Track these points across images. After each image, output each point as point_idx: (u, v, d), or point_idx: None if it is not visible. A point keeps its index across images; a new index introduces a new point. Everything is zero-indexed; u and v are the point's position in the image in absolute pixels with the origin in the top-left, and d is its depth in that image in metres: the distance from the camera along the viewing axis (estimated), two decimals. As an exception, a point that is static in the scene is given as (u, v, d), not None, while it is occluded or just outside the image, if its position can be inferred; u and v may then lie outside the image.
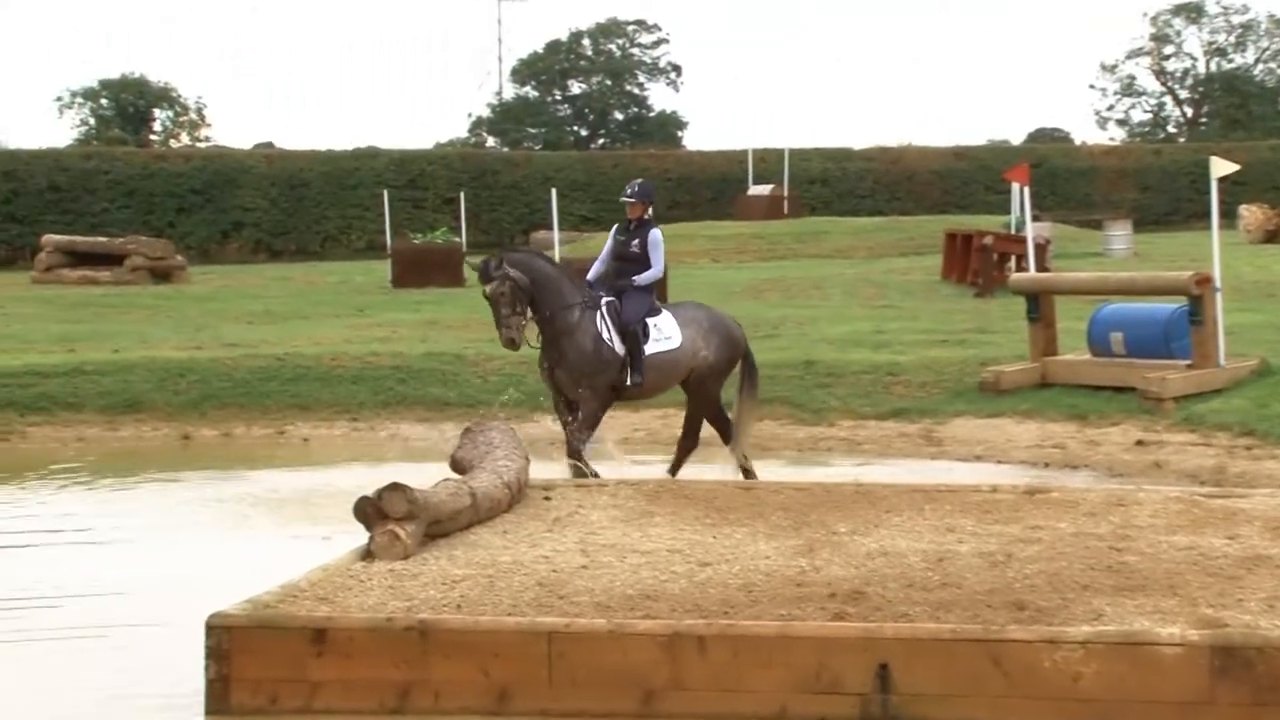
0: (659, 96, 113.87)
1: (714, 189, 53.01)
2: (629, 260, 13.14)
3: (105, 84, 69.29)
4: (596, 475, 12.07)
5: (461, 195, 41.90)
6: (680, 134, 77.25)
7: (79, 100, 69.65)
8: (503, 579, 8.19)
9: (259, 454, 16.30)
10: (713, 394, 13.35)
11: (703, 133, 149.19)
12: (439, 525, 9.03)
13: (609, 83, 78.15)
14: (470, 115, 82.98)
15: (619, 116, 78.74)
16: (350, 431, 17.22)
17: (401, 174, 50.44)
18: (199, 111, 71.11)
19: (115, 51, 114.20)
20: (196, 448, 16.77)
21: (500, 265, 12.39)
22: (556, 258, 25.04)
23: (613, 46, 79.07)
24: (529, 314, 12.42)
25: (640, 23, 79.79)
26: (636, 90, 79.21)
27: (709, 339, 13.18)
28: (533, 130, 75.86)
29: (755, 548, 8.95)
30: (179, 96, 70.51)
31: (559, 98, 78.67)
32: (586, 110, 78.25)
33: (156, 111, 70.19)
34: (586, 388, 12.65)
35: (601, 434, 13.27)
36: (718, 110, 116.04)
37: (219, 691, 7.39)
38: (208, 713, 7.37)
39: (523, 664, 7.29)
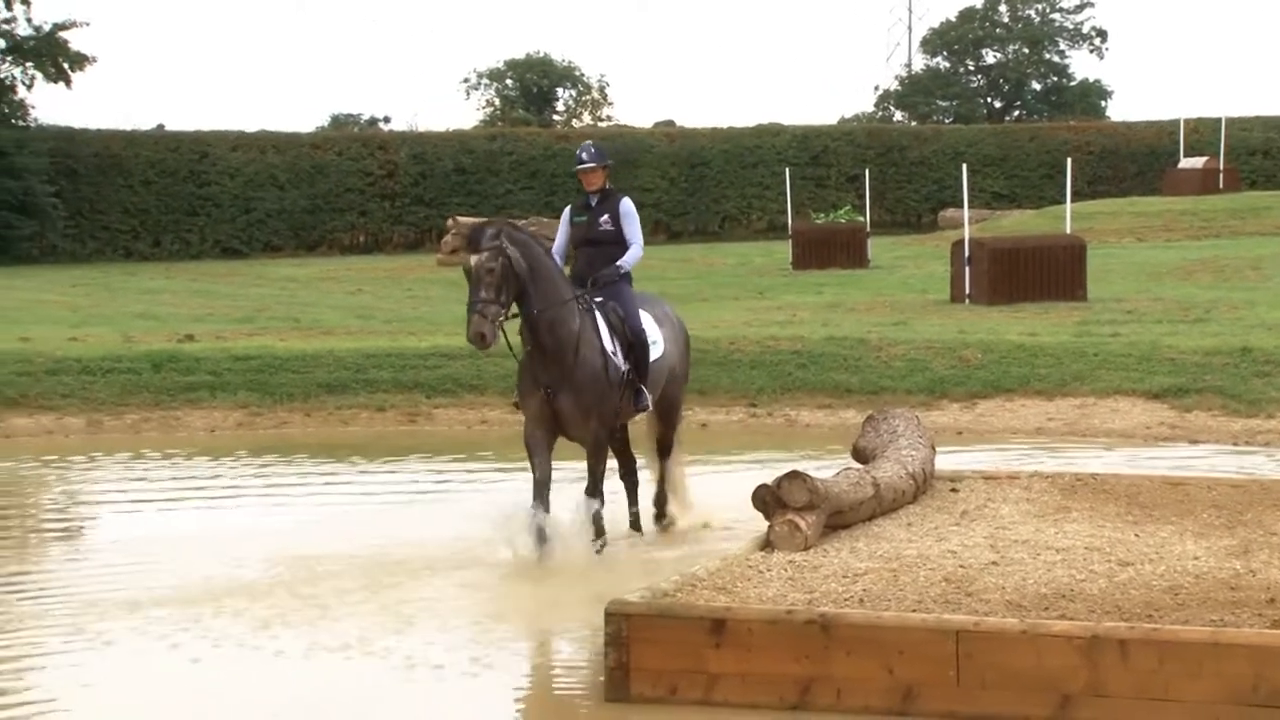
0: (1081, 64, 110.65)
1: (1140, 162, 51.00)
2: (601, 243, 10.69)
3: (510, 64, 71.07)
4: (603, 537, 10.33)
5: (866, 172, 41.44)
6: (1104, 104, 74.49)
7: (485, 81, 71.78)
8: (907, 573, 7.93)
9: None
10: (677, 408, 11.36)
11: (1129, 102, 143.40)
12: (840, 516, 8.82)
13: (1026, 51, 75.86)
14: (877, 88, 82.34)
15: (1036, 86, 76.37)
16: (748, 418, 17.12)
17: (804, 151, 50.23)
18: (601, 90, 72.25)
19: (521, 32, 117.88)
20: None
21: (498, 236, 9.92)
22: (966, 238, 24.48)
23: (1031, 12, 76.65)
24: (511, 308, 9.94)
25: (1062, -14, 77.29)
26: (1056, 58, 76.59)
27: (676, 342, 11.09)
28: (942, 103, 74.31)
29: (1182, 547, 8.44)
30: (582, 75, 71.81)
31: (971, 68, 76.83)
32: (1001, 80, 76.24)
33: (560, 91, 71.72)
34: (597, 420, 10.21)
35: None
36: (1146, 78, 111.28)
37: (618, 680, 7.34)
38: (607, 700, 7.34)
39: (929, 663, 7.01)
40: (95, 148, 45.27)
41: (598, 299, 10.42)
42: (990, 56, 76.37)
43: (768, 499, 8.55)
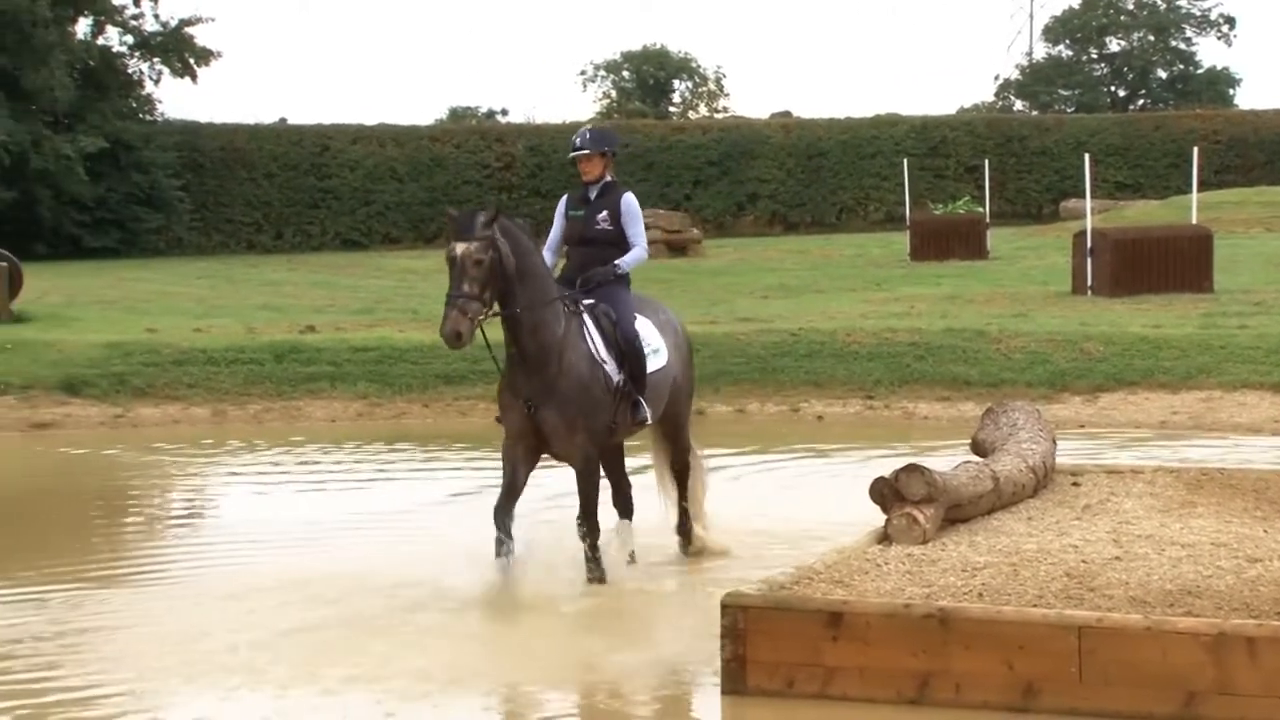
0: (1208, 51, 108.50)
1: (1268, 151, 50.05)
2: (597, 243, 9.56)
3: (627, 56, 71.20)
4: (601, 572, 9.29)
5: (986, 163, 40.95)
6: (1231, 92, 73.12)
7: (602, 73, 71.96)
8: (1027, 568, 7.83)
9: (776, 431, 16.28)
10: (685, 425, 10.25)
11: (1257, 90, 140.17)
12: (959, 509, 8.73)
13: (1151, 38, 74.65)
14: (997, 78, 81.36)
15: (1161, 74, 75.13)
16: (865, 410, 17.00)
17: (922, 141, 49.83)
18: (717, 81, 72.18)
19: (638, 23, 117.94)
20: (709, 424, 16.88)
21: (490, 224, 8.88)
22: (1089, 229, 24.11)
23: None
24: (493, 306, 8.92)
25: (1189, -28, 75.86)
26: (1183, 45, 75.29)
27: (679, 351, 10.00)
28: (1064, 92, 73.35)
29: (1312, 544, 8.20)
30: (698, 67, 71.79)
31: (1094, 56, 75.71)
32: (1125, 69, 75.05)
33: (676, 82, 71.65)
34: (585, 433, 9.12)
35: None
36: (1274, 65, 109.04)
37: (734, 671, 7.32)
38: (724, 692, 7.32)
39: (1050, 659, 6.92)
40: (220, 142, 46.05)
41: (587, 301, 9.33)
42: (1114, 44, 75.17)
43: (885, 492, 8.48)
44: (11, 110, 39.23)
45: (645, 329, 9.55)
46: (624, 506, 10.07)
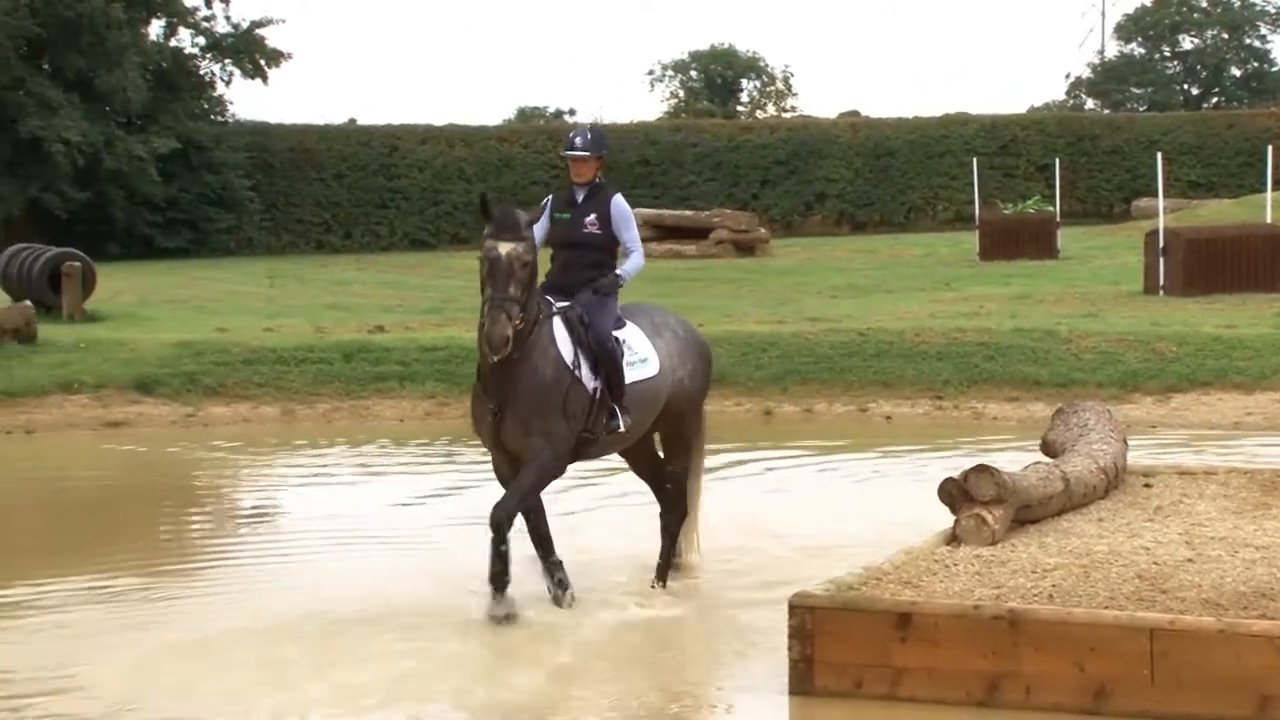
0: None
1: (1345, 150, 49.25)
2: (583, 246, 9.11)
3: (695, 55, 71.09)
4: (504, 570, 8.59)
5: (1057, 162, 40.61)
6: (1306, 90, 72.14)
7: (669, 73, 71.90)
8: (1098, 569, 7.77)
9: (843, 431, 16.22)
10: (691, 435, 9.63)
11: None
12: (1029, 510, 8.67)
13: (1225, 36, 73.78)
14: (1068, 76, 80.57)
15: (1235, 72, 74.21)
16: (933, 410, 16.90)
17: (992, 140, 49.47)
18: (785, 81, 71.94)
19: (705, 23, 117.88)
20: (778, 423, 16.88)
21: (531, 225, 8.61)
22: (1161, 228, 23.85)
23: (1231, -4, 74.57)
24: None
25: (1266, -30, 74.90)
26: (1257, 43, 74.31)
27: (685, 356, 9.43)
28: (1136, 90, 72.58)
29: (1389, 546, 8.08)
30: (766, 66, 71.58)
31: (1167, 54, 74.93)
32: (1199, 67, 74.18)
33: (744, 82, 71.53)
34: (540, 435, 8.64)
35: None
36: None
37: (802, 672, 7.31)
38: (791, 693, 7.31)
39: (1122, 661, 6.88)
40: (289, 142, 46.37)
41: (561, 304, 8.87)
42: (1187, 42, 74.32)
43: (954, 492, 8.43)
44: (86, 112, 39.71)
45: (634, 337, 9.08)
46: (671, 509, 9.56)
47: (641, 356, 9.05)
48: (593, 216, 9.09)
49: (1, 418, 16.80)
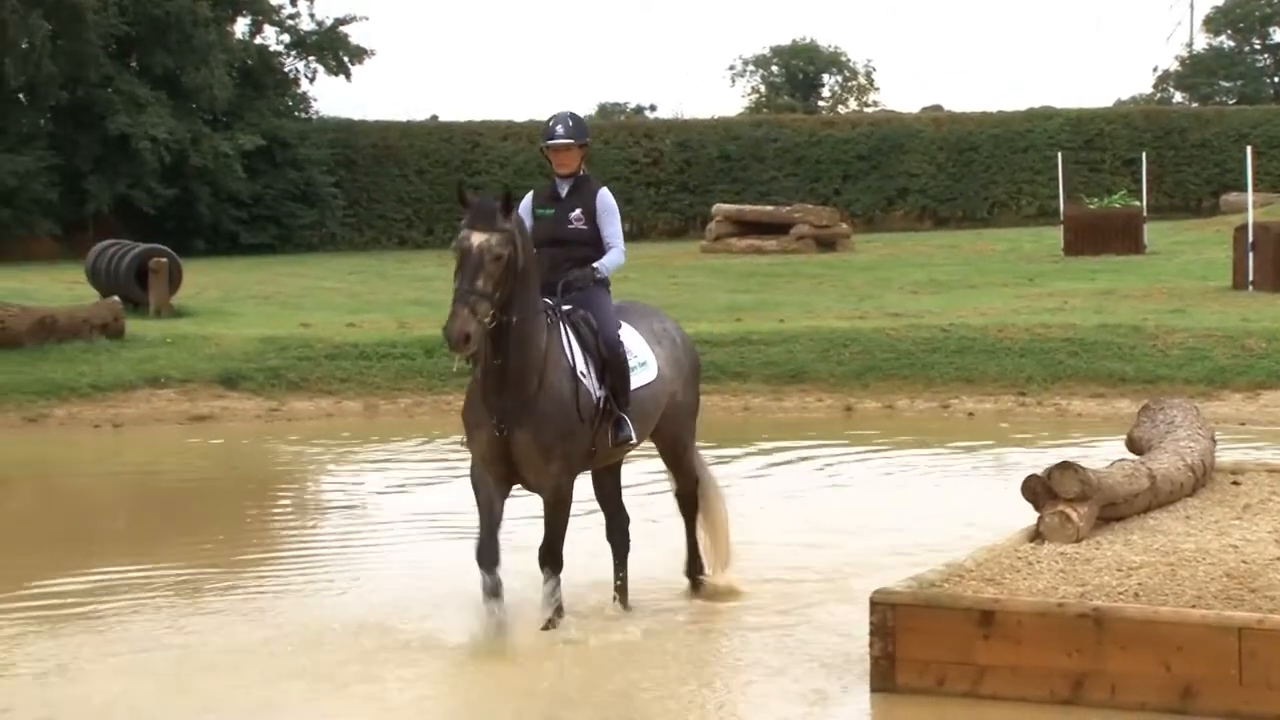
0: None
1: None
2: (569, 243, 8.55)
3: (776, 50, 70.92)
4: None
5: (1143, 156, 40.12)
6: None
7: (750, 68, 71.80)
8: (1185, 568, 7.66)
9: (924, 427, 16.12)
10: (687, 448, 9.10)
11: None
12: (1114, 508, 8.57)
13: (1316, 29, 72.62)
14: (1156, 69, 79.68)
15: (1326, 66, 73.07)
16: (1016, 406, 16.76)
17: (1077, 134, 48.99)
18: (868, 75, 71.59)
19: (787, 18, 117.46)
20: (858, 419, 16.79)
21: (509, 215, 8.02)
22: (1250, 223, 23.51)
23: (1324, -13, 73.35)
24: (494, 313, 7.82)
25: (1362, -41, 73.56)
26: (1349, 35, 73.17)
27: (679, 365, 8.92)
28: (1226, 83, 71.60)
29: None
30: (848, 61, 71.27)
31: (1258, 46, 73.87)
32: (1289, 60, 73.10)
33: (825, 77, 71.30)
34: (561, 461, 8.09)
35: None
36: None
37: (884, 669, 7.27)
38: (873, 690, 7.27)
39: (1209, 661, 6.78)
40: (372, 139, 46.71)
41: (565, 307, 8.33)
42: (1277, 34, 73.23)
43: (1038, 489, 8.34)
44: (172, 109, 40.23)
45: (632, 339, 8.56)
46: (619, 543, 8.91)
47: (640, 360, 8.56)
48: (578, 211, 8.58)
49: (90, 412, 17.06)
